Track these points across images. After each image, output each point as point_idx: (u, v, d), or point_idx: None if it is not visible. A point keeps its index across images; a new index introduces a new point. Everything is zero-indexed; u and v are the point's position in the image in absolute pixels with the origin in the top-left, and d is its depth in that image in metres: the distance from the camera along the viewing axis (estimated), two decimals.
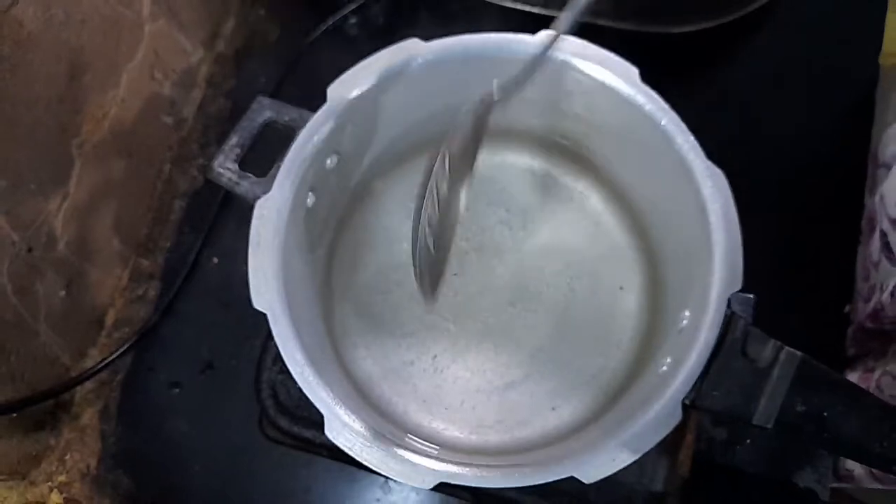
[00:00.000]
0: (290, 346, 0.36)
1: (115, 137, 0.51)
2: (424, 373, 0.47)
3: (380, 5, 0.62)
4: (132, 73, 0.52)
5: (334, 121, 0.40)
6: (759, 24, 0.58)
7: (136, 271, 0.55)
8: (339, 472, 0.48)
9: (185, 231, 0.56)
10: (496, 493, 0.46)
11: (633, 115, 0.39)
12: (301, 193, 0.40)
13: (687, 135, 0.38)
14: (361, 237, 0.50)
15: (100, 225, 0.52)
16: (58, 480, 0.50)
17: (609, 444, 0.34)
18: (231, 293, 0.53)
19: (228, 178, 0.42)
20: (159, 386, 0.52)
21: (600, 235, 0.49)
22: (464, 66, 0.41)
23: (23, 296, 0.45)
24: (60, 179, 0.47)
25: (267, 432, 0.49)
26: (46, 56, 0.43)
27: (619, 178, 0.48)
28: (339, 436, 0.35)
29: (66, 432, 0.51)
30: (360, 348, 0.47)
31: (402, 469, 0.34)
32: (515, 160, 0.51)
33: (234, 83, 0.61)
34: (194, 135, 0.59)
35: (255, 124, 0.43)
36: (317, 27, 0.61)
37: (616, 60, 0.40)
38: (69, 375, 0.50)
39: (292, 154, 0.39)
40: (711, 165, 0.37)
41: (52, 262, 0.47)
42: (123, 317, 0.54)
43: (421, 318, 0.48)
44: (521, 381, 0.46)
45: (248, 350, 0.52)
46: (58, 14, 0.43)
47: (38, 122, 0.44)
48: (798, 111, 0.55)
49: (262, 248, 0.37)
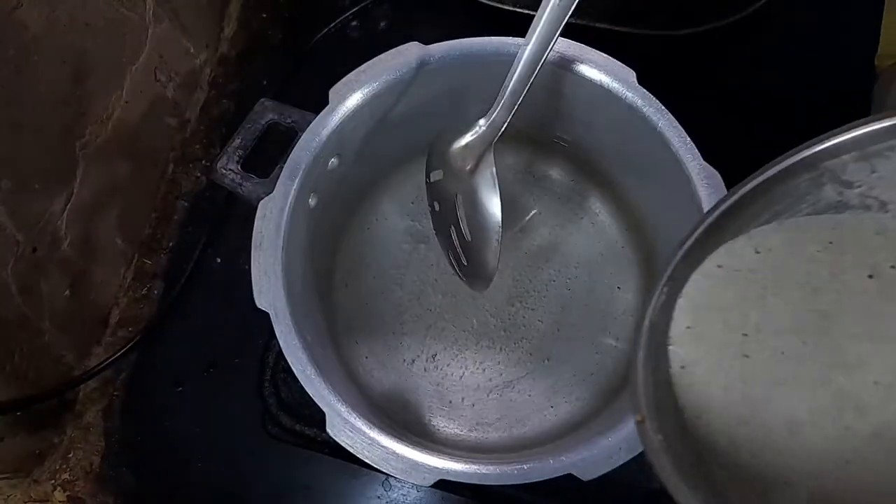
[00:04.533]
0: (292, 344, 0.36)
1: (119, 139, 0.51)
2: (425, 371, 0.47)
3: (381, 9, 0.62)
4: (136, 76, 0.52)
5: (336, 122, 0.40)
6: (756, 28, 0.59)
7: (140, 271, 0.56)
8: (340, 469, 0.49)
9: (188, 231, 0.57)
10: (495, 490, 0.47)
11: (630, 117, 0.40)
12: (303, 194, 0.40)
13: (684, 136, 0.38)
14: (363, 237, 0.50)
15: (104, 225, 0.52)
16: (61, 478, 0.50)
17: (607, 442, 0.34)
18: (234, 292, 0.54)
19: (231, 179, 0.42)
20: (163, 384, 0.52)
21: (598, 236, 0.50)
22: (464, 69, 0.41)
23: (27, 295, 0.45)
24: (65, 180, 0.47)
25: (269, 430, 0.50)
26: (51, 58, 0.43)
27: (616, 180, 0.48)
28: (340, 433, 0.35)
29: (70, 430, 0.51)
30: (361, 347, 0.48)
31: (402, 466, 0.34)
32: (514, 161, 0.51)
33: (237, 85, 0.61)
34: (197, 136, 0.60)
35: (257, 126, 0.43)
36: (319, 30, 0.61)
37: (614, 63, 0.40)
38: (73, 374, 0.50)
39: (294, 155, 0.39)
40: (708, 167, 0.37)
41: (57, 261, 0.47)
42: (127, 316, 0.54)
43: (421, 318, 0.48)
44: (520, 379, 0.47)
45: (250, 349, 0.52)
46: (62, 17, 0.44)
47: (42, 124, 0.44)
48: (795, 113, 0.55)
49: (265, 248, 0.38)
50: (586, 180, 0.51)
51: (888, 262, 0.26)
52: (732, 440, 0.26)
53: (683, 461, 0.25)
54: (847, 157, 0.26)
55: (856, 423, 0.24)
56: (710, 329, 0.27)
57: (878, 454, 0.23)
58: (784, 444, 0.25)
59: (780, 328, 0.27)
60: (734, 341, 0.27)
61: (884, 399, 0.24)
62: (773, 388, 0.26)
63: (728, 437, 0.26)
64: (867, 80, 0.55)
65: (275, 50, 0.62)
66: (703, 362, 0.27)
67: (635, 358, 0.27)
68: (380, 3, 0.62)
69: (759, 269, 0.27)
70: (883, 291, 0.26)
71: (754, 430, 0.25)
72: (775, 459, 0.25)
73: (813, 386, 0.25)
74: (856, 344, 0.25)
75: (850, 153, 0.26)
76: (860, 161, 0.27)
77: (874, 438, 0.24)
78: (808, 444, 0.25)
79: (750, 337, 0.27)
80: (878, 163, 0.26)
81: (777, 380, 0.26)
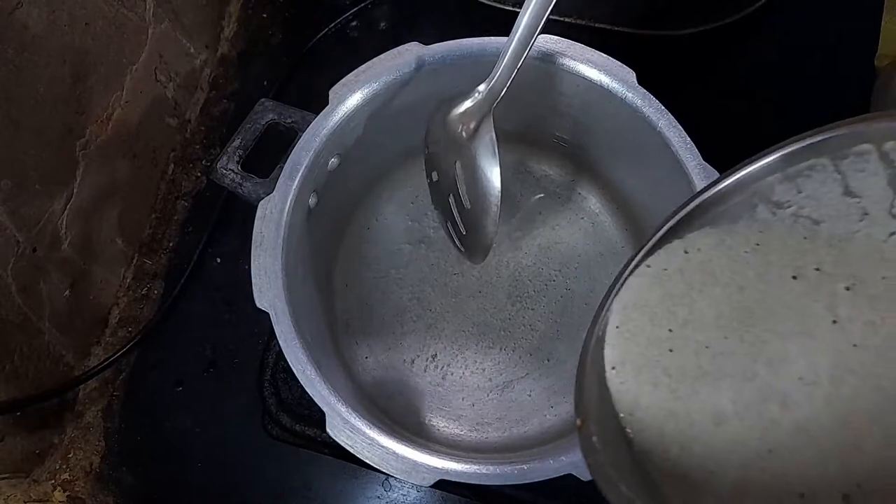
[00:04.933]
0: (291, 344, 0.36)
1: (120, 139, 0.51)
2: (425, 371, 0.47)
3: (381, 9, 0.62)
4: (136, 76, 0.52)
5: (336, 122, 0.40)
6: (756, 28, 0.59)
7: (140, 271, 0.56)
8: (340, 469, 0.49)
9: (188, 231, 0.57)
10: (495, 490, 0.47)
11: (630, 117, 0.40)
12: (303, 194, 0.40)
13: (683, 136, 0.38)
14: (363, 237, 0.50)
15: (104, 225, 0.52)
16: (61, 478, 0.50)
17: None
18: (234, 292, 0.54)
19: (231, 179, 0.42)
20: (162, 384, 0.52)
21: (597, 235, 0.50)
22: (463, 69, 0.41)
23: (27, 295, 0.45)
24: (65, 180, 0.47)
25: (269, 430, 0.50)
26: (51, 58, 0.43)
27: (616, 179, 0.48)
28: (340, 433, 0.35)
29: (70, 430, 0.51)
30: (361, 347, 0.48)
31: (402, 466, 0.34)
32: (514, 161, 0.51)
33: (237, 85, 0.61)
34: (198, 136, 0.60)
35: (257, 126, 0.43)
36: (319, 30, 0.61)
37: (614, 63, 0.40)
38: (73, 374, 0.50)
39: (294, 155, 0.40)
40: (707, 166, 0.37)
41: (57, 261, 0.47)
42: (127, 316, 0.54)
43: (421, 318, 0.48)
44: (521, 379, 0.47)
45: (250, 349, 0.52)
46: (62, 16, 0.44)
47: (42, 124, 0.44)
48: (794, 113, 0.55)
49: (265, 248, 0.38)
50: (586, 180, 0.51)
51: (813, 265, 0.27)
52: (662, 435, 0.26)
53: (623, 464, 0.25)
54: (772, 178, 0.28)
55: (780, 417, 0.25)
56: (638, 327, 0.28)
57: (801, 447, 0.24)
58: (710, 436, 0.26)
59: (705, 324, 0.28)
60: (660, 337, 0.28)
61: (808, 395, 0.25)
62: (697, 382, 0.27)
63: (658, 432, 0.26)
64: (867, 80, 0.55)
65: (275, 50, 0.62)
66: (632, 360, 0.28)
67: (584, 363, 0.28)
68: (380, 3, 0.62)
69: (686, 269, 0.28)
70: (808, 292, 0.27)
71: (681, 424, 0.26)
72: (702, 451, 0.26)
73: (737, 379, 0.26)
74: (779, 340, 0.26)
75: (774, 174, 0.28)
76: (785, 182, 0.28)
77: (798, 432, 0.25)
78: (732, 435, 0.25)
79: (675, 332, 0.28)
80: (802, 183, 0.28)
81: (701, 373, 0.27)
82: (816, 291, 0.27)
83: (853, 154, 0.26)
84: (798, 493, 0.24)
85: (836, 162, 0.27)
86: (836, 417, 0.24)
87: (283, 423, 0.49)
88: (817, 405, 0.25)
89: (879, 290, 0.26)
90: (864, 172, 0.26)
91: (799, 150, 0.27)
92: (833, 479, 0.23)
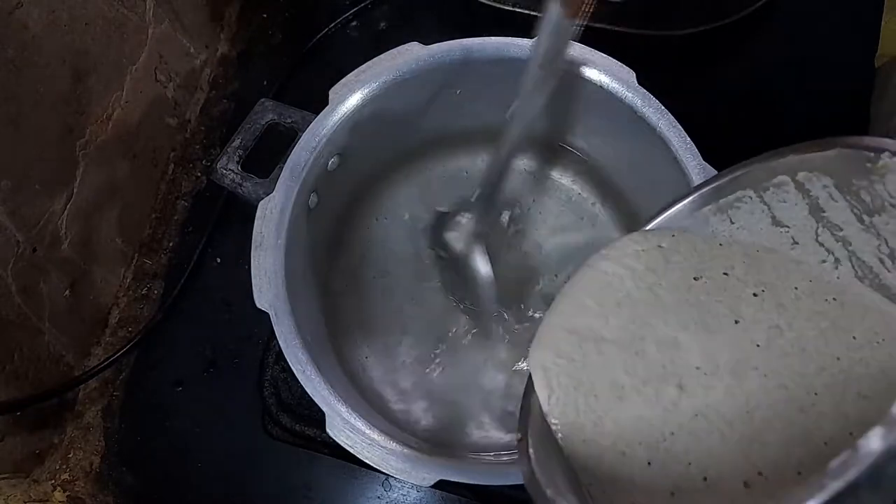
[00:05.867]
0: (291, 344, 0.36)
1: (120, 139, 0.51)
2: (425, 371, 0.47)
3: (381, 9, 0.62)
4: (136, 76, 0.52)
5: (336, 122, 0.40)
6: (756, 28, 0.59)
7: (140, 271, 0.56)
8: (340, 469, 0.49)
9: (188, 231, 0.57)
10: (495, 490, 0.47)
11: (630, 117, 0.40)
12: (303, 194, 0.40)
13: (683, 136, 0.38)
14: (363, 237, 0.50)
15: (104, 225, 0.52)
16: (61, 478, 0.50)
17: None
18: (234, 293, 0.54)
19: (231, 179, 0.42)
20: (162, 384, 0.52)
21: (597, 235, 0.50)
22: (463, 69, 0.41)
23: (27, 295, 0.45)
24: (65, 180, 0.47)
25: (269, 430, 0.50)
26: (51, 58, 0.43)
27: (616, 179, 0.48)
28: (340, 433, 0.35)
29: (70, 430, 0.51)
30: (361, 347, 0.48)
31: (402, 466, 0.34)
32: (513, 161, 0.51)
33: (237, 85, 0.61)
34: (198, 136, 0.60)
35: (257, 126, 0.43)
36: (319, 30, 0.61)
37: (614, 63, 0.40)
38: (73, 374, 0.50)
39: (294, 155, 0.40)
40: (708, 167, 0.37)
41: (57, 261, 0.47)
42: (127, 316, 0.54)
43: (422, 318, 0.48)
44: (521, 379, 0.47)
45: (250, 349, 0.52)
46: (62, 16, 0.44)
47: (42, 123, 0.44)
48: (794, 113, 0.55)
49: (265, 248, 0.38)
50: (586, 181, 0.51)
51: (721, 270, 0.29)
52: (577, 412, 0.28)
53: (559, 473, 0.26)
54: (706, 209, 0.31)
55: (678, 399, 0.27)
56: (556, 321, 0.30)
57: (702, 432, 0.26)
58: (617, 411, 0.27)
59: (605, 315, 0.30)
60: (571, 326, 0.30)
61: (705, 384, 0.27)
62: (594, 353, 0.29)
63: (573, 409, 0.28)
64: (867, 79, 0.55)
65: (275, 50, 0.62)
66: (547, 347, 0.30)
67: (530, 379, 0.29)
68: (380, 3, 0.62)
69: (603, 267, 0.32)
70: (710, 293, 0.29)
71: (588, 396, 0.28)
72: (612, 429, 0.27)
73: (628, 353, 0.28)
74: (666, 327, 0.28)
75: (707, 206, 0.31)
76: (718, 214, 0.30)
77: (698, 418, 0.26)
78: (635, 410, 0.27)
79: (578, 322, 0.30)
80: (733, 214, 0.30)
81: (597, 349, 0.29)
82: (720, 293, 0.29)
83: (773, 186, 0.29)
84: (701, 477, 0.25)
85: (759, 193, 0.29)
86: (738, 409, 0.26)
87: (283, 424, 0.49)
88: (717, 395, 0.26)
89: (789, 300, 0.28)
90: (786, 203, 0.29)
91: (729, 181, 0.30)
92: (735, 466, 0.25)
